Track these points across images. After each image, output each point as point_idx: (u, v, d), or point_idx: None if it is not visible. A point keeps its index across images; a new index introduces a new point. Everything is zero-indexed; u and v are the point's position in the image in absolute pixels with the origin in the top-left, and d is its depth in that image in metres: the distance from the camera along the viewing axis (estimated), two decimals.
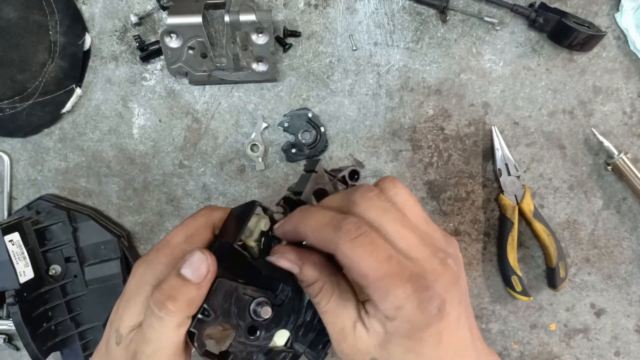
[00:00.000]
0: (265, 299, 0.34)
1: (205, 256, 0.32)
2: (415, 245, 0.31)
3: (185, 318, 0.32)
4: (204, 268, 0.32)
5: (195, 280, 0.31)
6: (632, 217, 0.63)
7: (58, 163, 0.63)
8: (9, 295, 0.55)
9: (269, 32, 0.56)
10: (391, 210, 0.32)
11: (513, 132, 0.62)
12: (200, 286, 0.32)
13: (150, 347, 0.32)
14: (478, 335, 0.35)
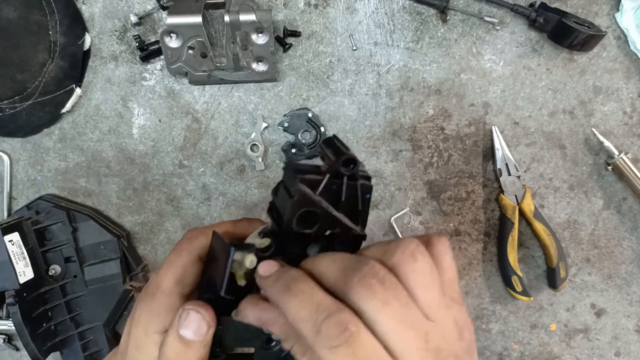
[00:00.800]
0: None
1: (201, 315, 0.30)
2: (414, 350, 0.26)
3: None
4: (204, 326, 0.30)
5: (199, 339, 0.30)
6: (633, 217, 0.63)
7: (58, 163, 0.63)
8: (8, 295, 0.55)
9: (269, 32, 0.56)
10: (392, 303, 0.26)
11: (513, 132, 0.62)
12: (205, 344, 0.30)
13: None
14: None
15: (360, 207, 0.32)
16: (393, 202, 0.63)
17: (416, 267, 0.27)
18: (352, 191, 0.31)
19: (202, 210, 0.63)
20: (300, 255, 0.31)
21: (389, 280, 0.27)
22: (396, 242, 0.28)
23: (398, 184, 0.62)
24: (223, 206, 0.63)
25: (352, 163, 0.31)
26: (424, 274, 0.27)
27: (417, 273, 0.27)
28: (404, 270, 0.27)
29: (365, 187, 0.32)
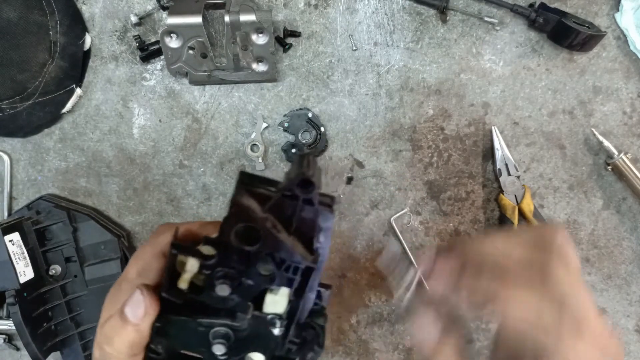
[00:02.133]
0: (223, 333, 0.31)
1: (142, 297, 0.31)
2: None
3: (130, 358, 0.31)
4: (141, 309, 0.31)
5: (134, 321, 0.31)
6: (632, 217, 0.63)
7: (58, 163, 0.63)
8: (9, 295, 0.55)
9: (269, 32, 0.56)
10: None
11: (513, 132, 0.62)
12: (139, 329, 0.31)
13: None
14: None
15: (316, 236, 0.30)
16: (393, 202, 0.63)
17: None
18: (308, 216, 0.29)
19: (203, 210, 0.63)
20: (244, 273, 0.30)
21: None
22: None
23: (398, 184, 0.62)
24: (223, 206, 0.63)
25: (309, 185, 0.28)
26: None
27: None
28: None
29: (325, 215, 0.30)
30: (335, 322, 0.65)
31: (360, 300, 0.64)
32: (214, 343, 0.31)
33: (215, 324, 0.31)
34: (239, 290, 0.30)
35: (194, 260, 0.30)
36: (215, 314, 0.31)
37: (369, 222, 0.63)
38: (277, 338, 0.31)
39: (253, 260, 0.29)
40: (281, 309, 0.31)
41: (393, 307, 0.61)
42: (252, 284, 0.30)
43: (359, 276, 0.64)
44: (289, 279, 0.30)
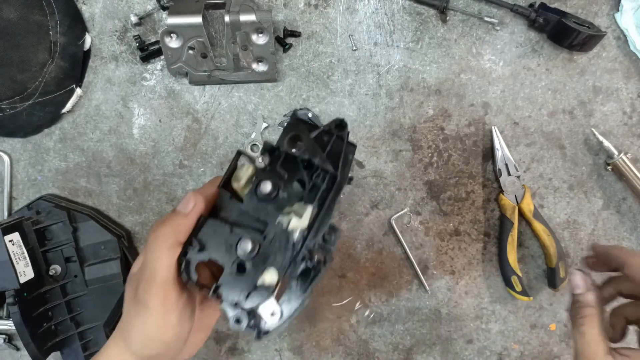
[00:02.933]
0: (251, 237, 0.37)
1: (192, 195, 0.38)
2: None
3: (177, 244, 0.37)
4: (191, 203, 0.38)
5: (183, 211, 0.38)
6: (632, 217, 0.63)
7: (58, 163, 0.63)
8: (9, 295, 0.55)
9: (269, 32, 0.56)
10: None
11: (513, 132, 0.62)
12: (187, 216, 0.38)
13: (147, 270, 0.37)
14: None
15: (342, 161, 0.38)
16: (393, 202, 0.63)
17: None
18: (338, 148, 0.39)
19: None
20: (282, 185, 0.38)
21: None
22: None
23: (398, 184, 0.62)
24: None
25: (343, 126, 0.40)
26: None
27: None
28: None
29: (350, 148, 0.40)
30: (335, 322, 0.65)
31: (360, 300, 0.64)
32: (242, 242, 0.37)
33: (245, 233, 0.37)
34: (275, 203, 0.38)
35: (251, 167, 0.40)
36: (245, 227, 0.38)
37: (369, 222, 0.63)
38: (295, 246, 0.37)
39: (292, 175, 0.38)
40: (303, 226, 0.37)
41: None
42: (286, 196, 0.38)
43: (359, 276, 0.64)
44: (314, 195, 0.37)
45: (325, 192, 0.38)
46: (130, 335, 0.38)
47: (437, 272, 0.64)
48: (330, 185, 0.38)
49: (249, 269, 0.37)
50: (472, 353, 0.65)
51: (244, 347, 0.65)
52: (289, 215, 0.38)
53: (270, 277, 0.37)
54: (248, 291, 0.37)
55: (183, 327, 0.38)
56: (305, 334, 0.65)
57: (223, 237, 0.38)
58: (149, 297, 0.36)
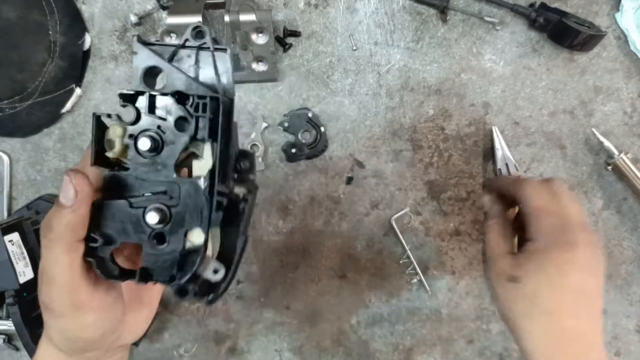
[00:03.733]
0: (156, 203, 0.32)
1: (69, 177, 0.31)
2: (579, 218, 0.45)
3: (74, 243, 0.32)
4: (71, 190, 0.31)
5: (67, 203, 0.31)
6: (633, 217, 0.63)
7: (58, 163, 0.62)
8: (8, 295, 0.55)
9: (269, 31, 0.56)
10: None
11: (513, 132, 0.62)
12: (74, 209, 0.31)
13: (45, 276, 0.33)
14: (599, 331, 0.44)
15: (216, 73, 0.32)
16: (393, 202, 0.63)
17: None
18: (206, 60, 0.32)
19: None
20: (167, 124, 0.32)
21: None
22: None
23: (398, 184, 0.62)
24: None
25: (201, 33, 0.32)
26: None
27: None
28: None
29: (220, 56, 0.32)
30: (335, 322, 0.65)
31: (360, 300, 0.64)
32: (147, 213, 0.32)
33: (149, 202, 0.32)
34: (164, 154, 0.32)
35: (118, 124, 0.32)
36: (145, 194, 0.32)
37: (369, 222, 0.63)
38: (205, 193, 0.32)
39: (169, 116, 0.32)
40: (208, 166, 0.32)
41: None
42: (172, 141, 0.32)
43: (359, 276, 0.64)
44: (203, 127, 0.32)
45: (214, 120, 0.32)
46: (52, 336, 0.35)
47: (437, 273, 0.64)
48: (215, 109, 0.32)
49: (168, 238, 0.33)
50: (472, 354, 0.65)
51: (243, 347, 0.65)
52: (185, 162, 0.33)
53: (196, 237, 0.33)
54: (178, 262, 0.32)
55: (105, 319, 0.35)
56: (305, 335, 0.65)
57: (125, 215, 0.32)
58: (54, 305, 0.33)
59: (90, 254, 0.33)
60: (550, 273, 0.42)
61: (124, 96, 0.32)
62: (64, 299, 0.33)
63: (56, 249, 0.32)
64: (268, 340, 0.65)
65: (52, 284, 0.32)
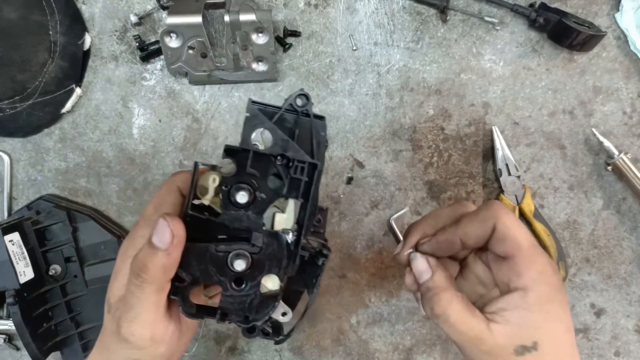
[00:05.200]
0: (240, 250, 0.35)
1: (166, 222, 0.33)
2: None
3: (164, 283, 0.34)
4: (168, 235, 0.33)
5: (163, 247, 0.33)
6: (632, 217, 0.63)
7: (58, 163, 0.63)
8: (9, 295, 0.55)
9: (269, 31, 0.56)
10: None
11: (513, 132, 0.62)
12: (169, 252, 0.33)
13: (132, 312, 0.35)
14: None
15: (314, 141, 0.35)
16: (393, 202, 0.63)
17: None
18: (305, 126, 0.35)
19: None
20: (259, 181, 0.35)
21: None
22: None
23: (398, 184, 0.62)
24: None
25: (304, 97, 0.35)
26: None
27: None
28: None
29: (319, 124, 0.35)
30: (335, 322, 0.65)
31: (360, 300, 0.64)
32: (235, 260, 0.35)
33: (233, 248, 0.35)
34: (253, 207, 0.35)
35: (215, 174, 0.35)
36: (231, 241, 0.35)
37: (369, 222, 0.63)
38: (289, 247, 0.35)
39: (265, 172, 0.35)
40: (290, 223, 0.35)
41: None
42: (265, 197, 0.35)
43: (359, 276, 0.64)
44: (296, 187, 0.35)
45: (307, 183, 0.35)
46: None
47: None
48: (310, 174, 0.35)
49: (246, 281, 0.35)
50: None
51: (243, 347, 0.65)
52: (272, 215, 0.36)
53: (271, 284, 0.36)
54: (253, 305, 0.35)
55: (172, 349, 0.37)
56: (305, 334, 0.65)
57: (209, 258, 0.35)
58: (135, 339, 0.35)
59: (176, 292, 0.35)
60: (564, 321, 0.36)
61: (229, 150, 0.34)
62: (146, 334, 0.35)
63: (149, 288, 0.34)
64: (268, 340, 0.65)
65: (137, 320, 0.34)
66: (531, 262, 0.35)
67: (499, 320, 0.36)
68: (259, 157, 0.35)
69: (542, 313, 0.35)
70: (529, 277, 0.35)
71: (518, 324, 0.35)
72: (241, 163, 0.35)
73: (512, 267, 0.36)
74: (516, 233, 0.36)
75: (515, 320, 0.35)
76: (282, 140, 0.34)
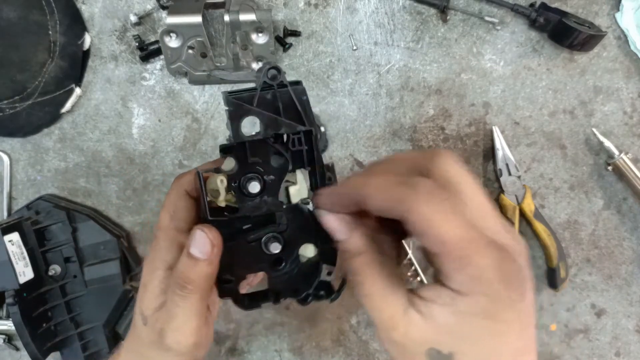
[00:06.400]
0: (270, 233, 0.36)
1: (204, 233, 0.34)
2: (492, 215, 0.28)
3: (207, 290, 0.35)
4: (208, 245, 0.34)
5: (204, 257, 0.34)
6: (633, 217, 0.63)
7: (58, 163, 0.62)
8: (8, 295, 0.55)
9: (269, 31, 0.56)
10: (470, 175, 0.29)
11: (514, 132, 0.61)
12: (211, 261, 0.34)
13: (175, 321, 0.35)
14: None
15: (300, 108, 0.35)
16: None
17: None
18: (287, 97, 0.35)
19: None
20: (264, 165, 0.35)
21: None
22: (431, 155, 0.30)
23: None
24: None
25: (275, 70, 0.34)
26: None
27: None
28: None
29: (298, 90, 0.35)
30: (335, 322, 0.65)
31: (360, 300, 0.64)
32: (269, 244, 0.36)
33: (262, 234, 0.36)
34: (267, 191, 0.35)
35: (220, 175, 0.35)
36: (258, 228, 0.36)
37: None
38: (312, 213, 0.35)
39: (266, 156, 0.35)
40: (305, 192, 0.36)
41: None
42: (273, 178, 0.35)
43: None
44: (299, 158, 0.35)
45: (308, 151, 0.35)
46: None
47: None
48: (309, 141, 0.35)
49: (285, 259, 0.36)
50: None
51: (243, 347, 0.65)
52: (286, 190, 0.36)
53: (309, 252, 0.37)
54: (299, 277, 0.36)
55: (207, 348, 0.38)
56: (305, 335, 0.65)
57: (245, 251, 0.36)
58: (179, 347, 0.36)
59: (225, 293, 0.37)
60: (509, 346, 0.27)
61: (225, 148, 0.35)
62: (190, 340, 0.36)
63: (193, 298, 0.34)
64: (268, 341, 0.65)
65: (182, 329, 0.35)
66: (462, 265, 0.26)
67: (423, 310, 0.28)
68: (256, 145, 0.35)
69: (470, 326, 0.27)
70: (457, 282, 0.27)
71: (442, 325, 0.27)
72: (241, 156, 0.35)
73: (440, 263, 0.27)
74: (439, 227, 0.26)
75: (440, 320, 0.27)
76: (270, 120, 0.34)
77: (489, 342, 0.27)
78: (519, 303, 0.27)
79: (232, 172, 0.35)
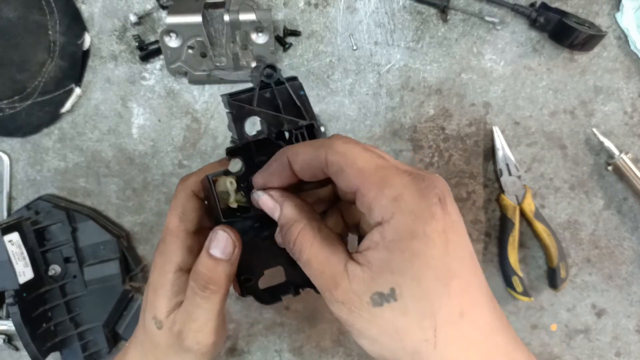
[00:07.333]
0: None
1: (227, 234, 0.34)
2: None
3: (228, 290, 0.36)
4: (230, 245, 0.34)
5: (226, 257, 0.34)
6: (633, 218, 0.62)
7: (57, 163, 0.62)
8: (8, 295, 0.55)
9: (269, 31, 0.56)
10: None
11: (514, 132, 0.61)
12: (232, 262, 0.35)
13: (197, 323, 0.36)
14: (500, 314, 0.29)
15: (299, 103, 0.36)
16: None
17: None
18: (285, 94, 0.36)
19: None
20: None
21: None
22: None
23: None
24: None
25: (271, 69, 0.35)
26: None
27: None
28: None
29: (295, 86, 0.36)
30: (335, 323, 0.65)
31: None
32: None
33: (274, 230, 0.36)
34: None
35: (230, 178, 0.35)
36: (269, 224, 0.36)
37: None
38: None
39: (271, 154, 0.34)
40: None
41: None
42: None
43: None
44: None
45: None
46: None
47: None
48: (311, 134, 0.37)
49: None
50: None
51: (243, 347, 0.65)
52: None
53: None
54: None
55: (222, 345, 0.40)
56: (305, 335, 0.65)
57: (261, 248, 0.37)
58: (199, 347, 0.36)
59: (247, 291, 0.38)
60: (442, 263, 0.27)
61: (232, 151, 0.35)
62: (210, 340, 0.36)
63: (215, 298, 0.35)
64: (268, 341, 0.65)
65: (203, 329, 0.36)
66: (381, 188, 0.27)
67: (361, 260, 0.28)
68: (261, 144, 0.36)
69: (400, 252, 0.26)
70: (381, 208, 0.27)
71: (378, 265, 0.27)
72: (247, 157, 0.35)
73: (361, 202, 0.28)
74: (355, 158, 0.28)
75: (376, 261, 0.27)
76: (272, 118, 0.35)
77: (418, 262, 0.26)
78: (442, 216, 0.27)
79: (240, 172, 0.35)
